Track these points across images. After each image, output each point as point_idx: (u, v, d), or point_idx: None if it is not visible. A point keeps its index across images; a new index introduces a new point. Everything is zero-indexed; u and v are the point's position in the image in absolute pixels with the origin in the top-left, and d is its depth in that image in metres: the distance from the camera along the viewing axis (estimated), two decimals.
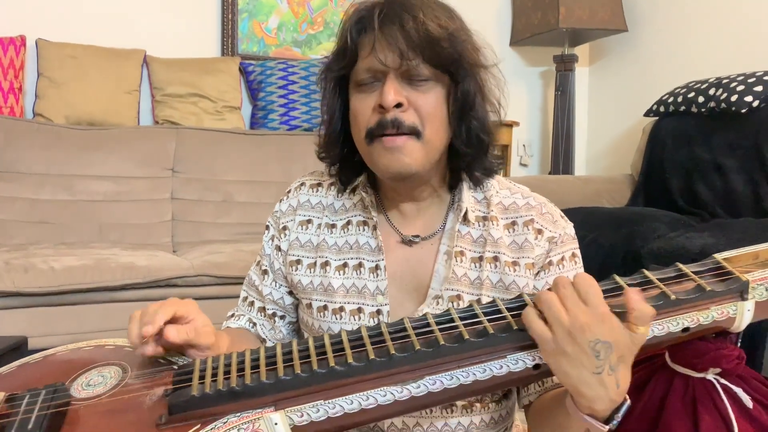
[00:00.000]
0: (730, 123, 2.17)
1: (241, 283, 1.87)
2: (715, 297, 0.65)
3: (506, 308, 0.67)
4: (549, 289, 0.62)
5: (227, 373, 0.64)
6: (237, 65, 2.72)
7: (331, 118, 0.84)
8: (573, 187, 2.39)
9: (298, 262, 0.88)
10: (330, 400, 0.62)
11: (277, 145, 2.60)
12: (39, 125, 2.33)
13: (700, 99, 2.29)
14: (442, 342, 0.63)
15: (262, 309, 0.93)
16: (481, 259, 0.81)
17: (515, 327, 0.64)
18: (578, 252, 0.85)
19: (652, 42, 2.97)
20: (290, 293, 0.92)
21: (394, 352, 0.63)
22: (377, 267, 0.83)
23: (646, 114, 2.60)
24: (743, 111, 2.10)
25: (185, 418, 0.61)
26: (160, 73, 2.59)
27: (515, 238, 0.82)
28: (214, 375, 0.64)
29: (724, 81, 2.24)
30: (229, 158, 2.50)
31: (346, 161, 0.86)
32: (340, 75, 0.81)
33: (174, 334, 0.68)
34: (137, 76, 2.56)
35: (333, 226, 0.88)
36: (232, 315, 0.97)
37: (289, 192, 0.94)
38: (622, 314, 0.60)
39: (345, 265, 0.84)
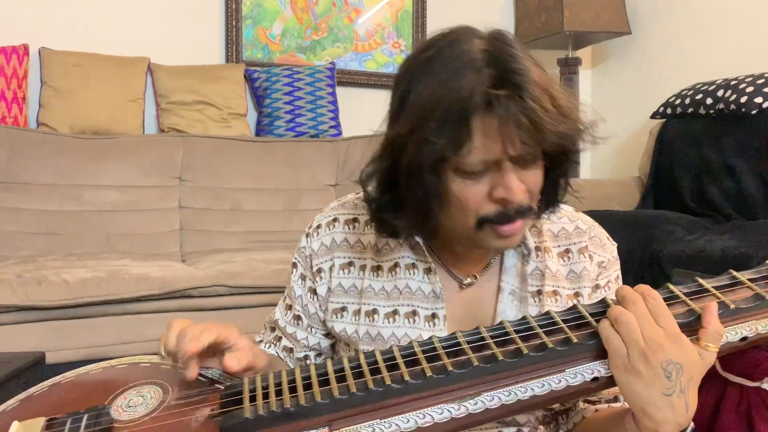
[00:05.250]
0: (739, 124, 2.17)
1: (257, 293, 1.89)
2: None
3: (562, 320, 0.66)
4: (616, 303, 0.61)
5: (279, 393, 0.62)
6: (242, 72, 2.70)
7: (427, 200, 0.68)
8: (584, 191, 2.37)
9: (343, 309, 0.80)
10: (386, 419, 0.60)
11: (284, 151, 2.58)
12: (44, 135, 2.30)
13: (708, 100, 2.29)
14: (501, 357, 0.62)
15: (290, 350, 0.88)
16: (539, 293, 0.77)
17: (575, 341, 0.63)
18: (620, 273, 0.84)
19: (655, 44, 2.97)
20: (327, 335, 0.86)
21: (451, 368, 0.61)
22: (434, 315, 0.77)
23: (653, 116, 2.59)
24: (753, 112, 2.10)
25: None
26: (165, 81, 2.56)
27: (572, 267, 0.79)
28: (266, 395, 0.62)
29: (732, 82, 2.24)
30: (236, 166, 2.48)
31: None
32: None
33: (235, 363, 0.65)
34: (142, 83, 2.53)
35: (378, 268, 0.79)
36: (260, 341, 0.93)
37: (319, 228, 0.83)
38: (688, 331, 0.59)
39: (395, 312, 0.78)
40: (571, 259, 0.79)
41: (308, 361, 0.87)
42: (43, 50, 2.43)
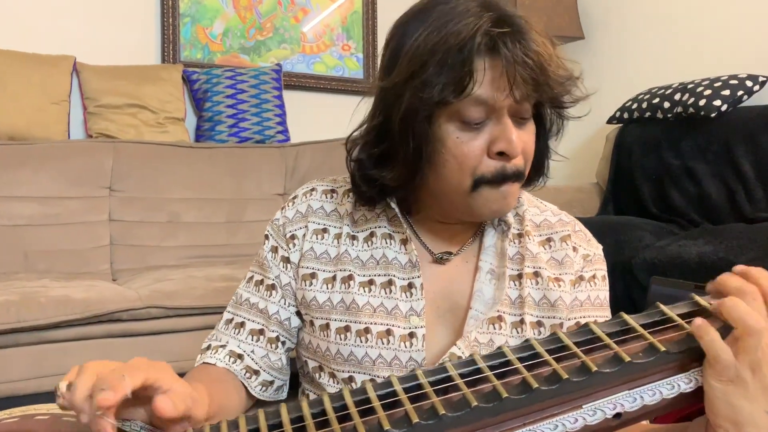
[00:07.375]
0: (698, 127, 2.15)
1: (197, 314, 1.70)
2: None
3: (574, 343, 0.54)
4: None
5: None
6: (180, 73, 2.51)
7: (419, 150, 0.66)
8: (545, 197, 2.31)
9: (313, 276, 0.76)
10: None
11: (226, 158, 2.40)
12: None
13: (666, 104, 2.26)
14: (506, 394, 0.49)
15: (259, 332, 0.78)
16: (520, 276, 0.75)
17: (594, 369, 0.50)
18: (607, 275, 0.82)
19: (609, 49, 2.96)
20: (297, 314, 0.80)
21: (444, 411, 0.48)
22: (411, 285, 0.74)
23: (609, 121, 2.56)
24: (712, 115, 2.08)
25: None
26: (93, 82, 2.35)
27: (553, 255, 0.78)
28: None
29: (689, 86, 2.22)
30: (173, 174, 2.28)
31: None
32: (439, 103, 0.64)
33: (170, 408, 0.49)
34: (66, 85, 2.30)
35: (354, 237, 0.77)
36: (208, 347, 0.79)
37: (295, 198, 0.82)
38: None
39: (371, 282, 0.74)
40: (552, 247, 0.78)
41: (278, 348, 0.79)
42: None
